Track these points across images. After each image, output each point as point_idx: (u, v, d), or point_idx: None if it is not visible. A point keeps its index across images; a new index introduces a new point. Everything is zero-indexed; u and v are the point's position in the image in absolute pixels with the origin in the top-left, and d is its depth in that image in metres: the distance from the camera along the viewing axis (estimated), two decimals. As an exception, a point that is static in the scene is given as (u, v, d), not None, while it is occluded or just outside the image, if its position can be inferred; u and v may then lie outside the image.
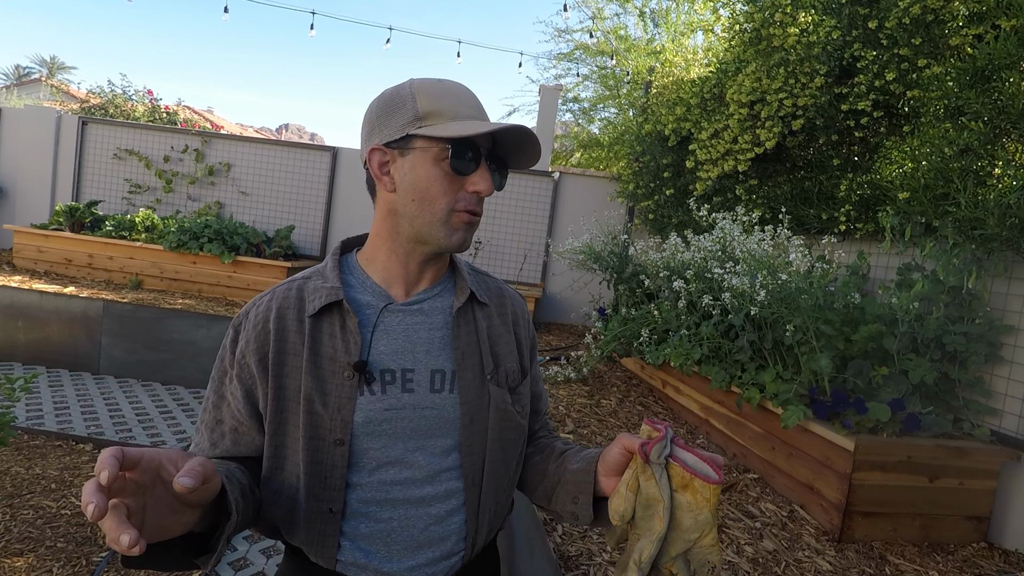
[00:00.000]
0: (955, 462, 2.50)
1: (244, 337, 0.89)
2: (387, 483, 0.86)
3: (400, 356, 0.88)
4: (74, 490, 2.83)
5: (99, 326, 4.64)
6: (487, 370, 0.94)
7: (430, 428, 0.88)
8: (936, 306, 2.71)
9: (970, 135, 2.61)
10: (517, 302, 1.06)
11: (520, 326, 1.04)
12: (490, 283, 1.04)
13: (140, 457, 0.60)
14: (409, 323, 0.91)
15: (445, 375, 0.90)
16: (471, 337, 0.94)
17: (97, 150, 7.19)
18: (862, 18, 3.10)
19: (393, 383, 0.87)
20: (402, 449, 0.87)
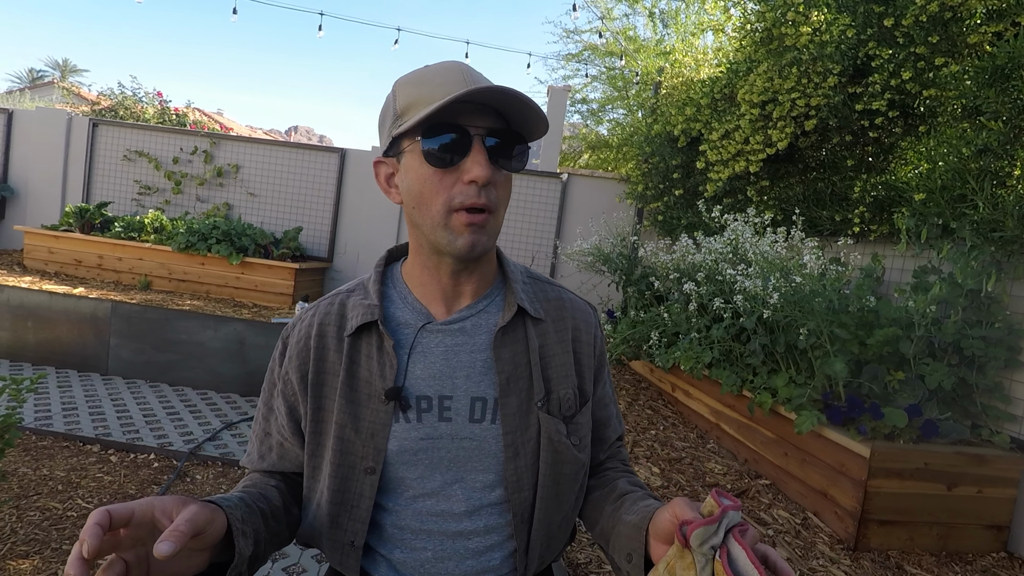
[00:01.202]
0: (974, 470, 2.44)
1: (288, 352, 0.87)
2: (423, 514, 0.81)
3: (438, 381, 0.81)
4: (81, 491, 2.82)
5: (108, 327, 4.65)
6: (536, 397, 0.82)
7: (469, 460, 0.80)
8: (954, 309, 2.66)
9: (989, 135, 2.55)
10: (580, 313, 0.91)
11: (582, 342, 0.89)
12: (549, 292, 0.90)
13: (131, 514, 0.58)
14: (449, 344, 0.82)
15: (487, 404, 0.81)
16: (519, 359, 0.83)
17: (107, 152, 7.23)
18: (877, 16, 3.05)
19: (429, 411, 0.80)
20: (440, 481, 0.80)
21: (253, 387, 4.55)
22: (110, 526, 0.56)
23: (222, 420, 3.98)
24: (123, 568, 0.57)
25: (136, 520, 0.58)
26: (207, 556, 0.65)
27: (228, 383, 4.56)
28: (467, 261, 0.80)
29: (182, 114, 9.09)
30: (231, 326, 4.60)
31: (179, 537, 0.56)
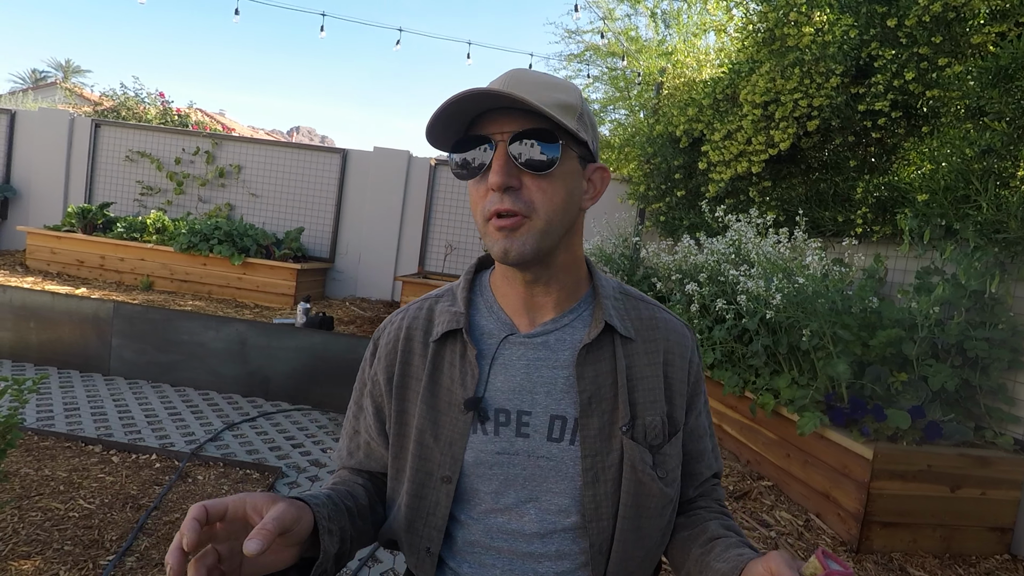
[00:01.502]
0: (977, 472, 2.43)
1: (378, 354, 0.88)
2: (494, 530, 0.78)
3: (517, 396, 0.78)
4: (82, 492, 2.82)
5: (110, 327, 4.66)
6: (621, 421, 0.77)
7: (545, 480, 0.77)
8: (957, 311, 2.65)
9: (992, 135, 2.54)
10: (675, 335, 0.84)
11: (675, 366, 0.82)
12: (642, 310, 0.84)
13: (225, 509, 0.61)
14: (531, 358, 0.79)
15: (566, 423, 0.77)
16: (604, 379, 0.78)
17: (109, 152, 7.24)
18: (880, 16, 3.04)
19: (507, 425, 0.78)
20: (514, 498, 0.77)
21: (254, 387, 4.55)
22: (207, 520, 0.59)
23: (224, 421, 3.98)
24: (215, 559, 0.60)
25: (230, 516, 0.61)
26: (296, 552, 0.67)
27: (230, 383, 4.56)
28: (521, 268, 0.76)
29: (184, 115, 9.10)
30: (233, 327, 4.60)
31: (266, 535, 0.58)
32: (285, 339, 4.58)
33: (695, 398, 0.86)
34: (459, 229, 6.91)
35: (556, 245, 0.75)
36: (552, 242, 0.74)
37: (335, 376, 4.57)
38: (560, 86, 0.74)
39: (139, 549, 2.37)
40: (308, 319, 4.81)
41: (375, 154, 6.96)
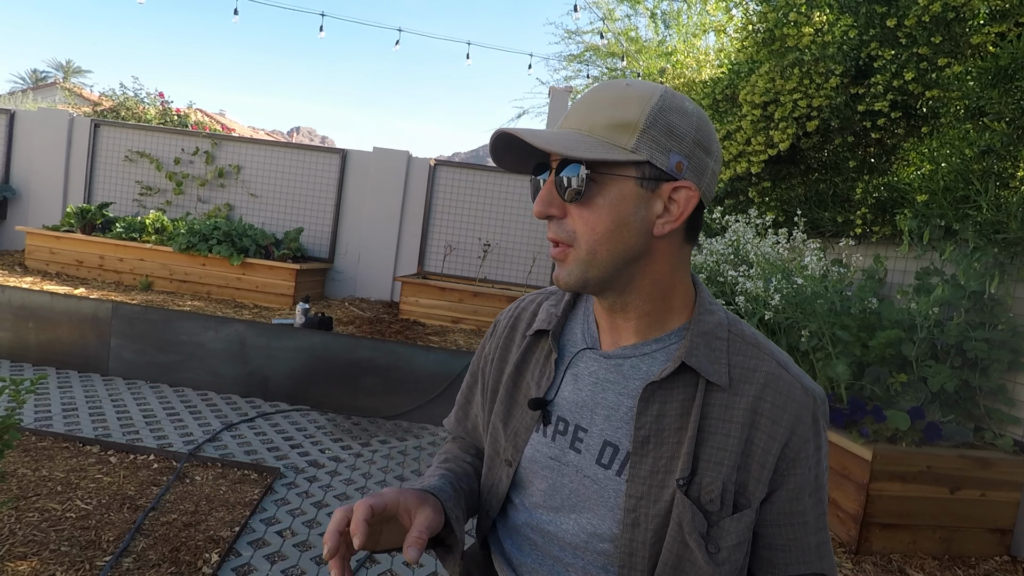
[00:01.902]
0: (977, 473, 2.42)
1: (496, 332, 0.92)
2: (538, 525, 0.79)
3: (579, 410, 0.77)
4: (80, 492, 2.81)
5: (109, 328, 4.65)
6: (680, 472, 0.69)
7: (589, 500, 0.74)
8: (957, 311, 2.64)
9: (992, 136, 2.54)
10: (776, 394, 0.70)
11: (762, 430, 0.69)
12: (749, 358, 0.73)
13: (383, 508, 0.69)
14: (601, 378, 0.76)
15: (617, 452, 0.73)
16: (670, 422, 0.71)
17: (109, 152, 7.24)
18: (880, 16, 3.03)
19: (564, 435, 0.77)
20: (560, 503, 0.77)
21: (253, 388, 4.55)
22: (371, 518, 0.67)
23: (222, 421, 3.97)
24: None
25: (388, 513, 0.70)
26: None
27: (229, 384, 4.55)
28: (590, 293, 0.75)
29: (184, 115, 9.10)
30: (232, 327, 4.59)
31: (422, 544, 0.67)
32: (284, 339, 4.57)
33: (787, 477, 0.70)
34: (459, 230, 6.91)
35: (615, 275, 0.71)
36: (602, 272, 0.70)
37: (334, 377, 4.56)
38: (626, 101, 0.68)
39: (136, 550, 2.36)
40: (307, 319, 4.81)
41: (374, 154, 6.95)
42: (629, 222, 0.68)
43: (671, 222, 0.69)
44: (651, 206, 0.68)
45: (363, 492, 3.22)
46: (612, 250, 0.68)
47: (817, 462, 0.72)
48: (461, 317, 5.91)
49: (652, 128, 0.66)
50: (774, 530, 0.72)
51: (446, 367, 4.56)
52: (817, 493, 0.73)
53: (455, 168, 6.94)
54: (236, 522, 2.71)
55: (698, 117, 0.69)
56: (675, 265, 0.73)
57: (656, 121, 0.67)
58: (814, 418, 0.71)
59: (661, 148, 0.67)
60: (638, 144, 0.66)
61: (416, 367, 4.56)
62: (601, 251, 0.69)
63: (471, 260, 6.86)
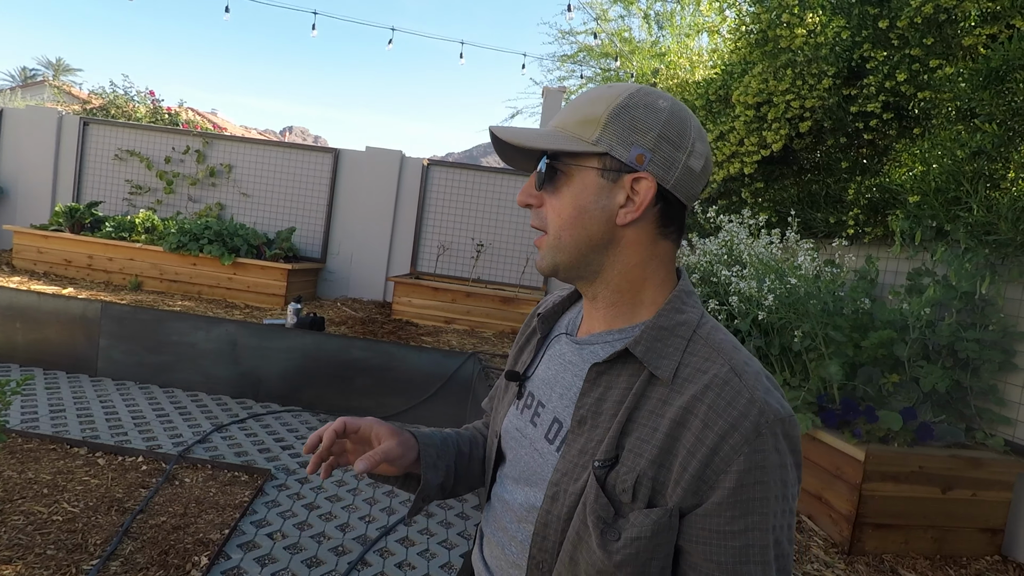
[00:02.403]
0: (969, 473, 2.43)
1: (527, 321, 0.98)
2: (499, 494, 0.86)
3: (543, 387, 0.82)
4: (67, 495, 2.77)
5: (98, 328, 4.60)
6: (601, 455, 0.69)
7: (534, 472, 0.78)
8: (948, 312, 2.65)
9: (983, 137, 2.55)
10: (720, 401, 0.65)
11: (691, 429, 0.65)
12: (702, 361, 0.69)
13: (358, 428, 0.84)
14: (567, 360, 0.81)
15: (561, 429, 0.76)
16: (607, 407, 0.71)
17: (98, 151, 7.17)
18: (872, 18, 3.04)
19: (530, 408, 0.83)
20: (518, 474, 0.82)
21: (244, 389, 4.51)
22: (344, 433, 0.83)
23: (212, 422, 3.93)
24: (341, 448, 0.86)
25: (361, 434, 0.84)
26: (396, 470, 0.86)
27: (219, 385, 4.51)
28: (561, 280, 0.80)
29: (175, 113, 9.03)
30: (223, 327, 4.55)
31: (370, 463, 0.77)
32: (276, 340, 4.53)
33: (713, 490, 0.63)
34: (452, 230, 6.89)
35: (582, 262, 0.74)
36: (568, 258, 0.75)
37: (326, 377, 4.53)
38: (597, 99, 0.73)
39: (123, 553, 2.33)
40: (299, 320, 4.78)
41: (367, 154, 6.92)
42: (590, 210, 0.72)
43: (632, 212, 0.72)
44: (613, 196, 0.72)
45: (355, 494, 3.20)
46: (575, 236, 0.73)
47: (757, 483, 0.62)
48: (454, 317, 5.89)
49: (614, 122, 0.71)
50: (696, 547, 0.64)
51: (439, 367, 4.54)
52: (754, 518, 0.62)
53: (448, 168, 6.92)
54: (226, 524, 2.68)
55: (670, 114, 0.71)
56: (645, 259, 0.75)
57: (619, 116, 0.71)
58: (756, 432, 0.62)
59: (622, 141, 0.70)
60: (600, 137, 0.71)
61: (409, 367, 4.53)
62: (565, 236, 0.73)
63: (464, 260, 6.84)
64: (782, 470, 0.63)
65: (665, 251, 0.75)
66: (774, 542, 0.63)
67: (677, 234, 0.76)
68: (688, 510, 0.64)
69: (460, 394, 4.50)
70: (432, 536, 2.86)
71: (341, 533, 2.79)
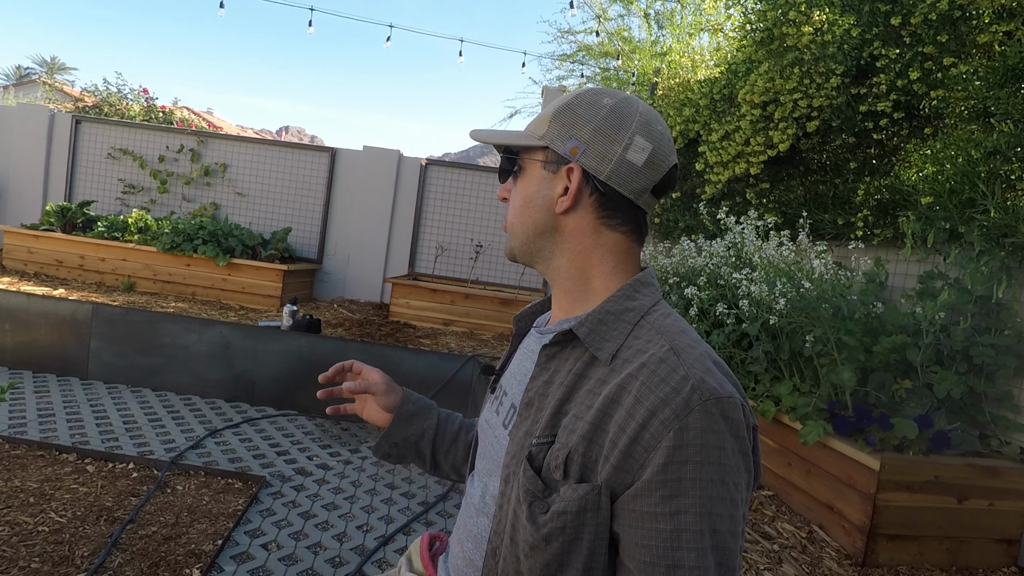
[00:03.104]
0: (985, 482, 2.36)
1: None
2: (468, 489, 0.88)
3: (510, 377, 0.86)
4: (54, 504, 2.68)
5: (88, 330, 4.50)
6: (538, 433, 0.70)
7: (494, 460, 0.81)
8: (963, 316, 2.58)
9: (999, 137, 2.48)
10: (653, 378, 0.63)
11: (624, 407, 0.63)
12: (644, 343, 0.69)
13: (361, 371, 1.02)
14: (530, 349, 0.85)
15: (514, 412, 0.79)
16: (551, 389, 0.73)
17: (91, 149, 7.06)
18: (884, 15, 2.97)
19: (498, 399, 0.87)
20: (482, 467, 0.85)
21: (239, 392, 4.41)
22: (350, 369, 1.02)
23: (206, 427, 3.84)
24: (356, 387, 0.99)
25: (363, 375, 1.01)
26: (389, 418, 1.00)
27: (214, 388, 4.42)
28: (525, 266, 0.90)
29: (169, 112, 8.92)
30: (217, 329, 4.46)
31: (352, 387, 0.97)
32: (271, 342, 4.44)
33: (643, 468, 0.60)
34: (450, 230, 6.80)
35: (533, 249, 0.80)
36: (521, 244, 0.81)
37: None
38: (558, 99, 0.79)
39: (112, 566, 2.24)
40: (295, 322, 4.69)
41: (364, 153, 6.83)
42: (534, 199, 0.78)
43: (566, 200, 0.75)
44: (553, 186, 0.77)
45: (352, 501, 3.12)
46: (524, 223, 0.79)
47: (692, 461, 0.59)
48: (453, 319, 5.81)
49: (557, 119, 0.76)
50: (628, 530, 0.61)
51: (437, 371, 4.45)
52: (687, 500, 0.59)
53: (447, 168, 6.84)
54: (219, 534, 2.59)
55: (610, 110, 0.74)
56: (588, 247, 0.77)
57: (561, 112, 0.76)
58: (687, 408, 0.60)
59: (560, 135, 0.75)
60: (545, 133, 0.77)
61: (406, 371, 4.45)
62: (517, 224, 0.80)
63: (463, 261, 6.76)
64: (719, 451, 0.60)
65: (614, 242, 0.77)
66: (711, 530, 0.59)
67: (628, 227, 0.77)
68: (619, 490, 0.62)
69: (459, 398, 4.42)
70: (432, 546, 2.77)
71: (338, 543, 2.70)
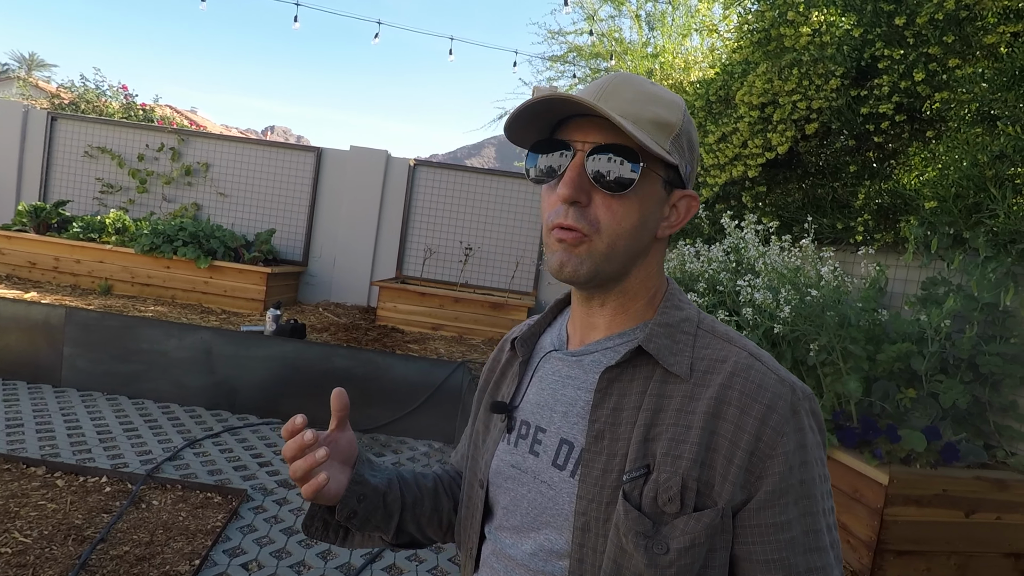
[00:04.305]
0: (993, 496, 2.30)
1: (487, 366, 0.90)
2: (498, 551, 0.75)
3: (540, 411, 0.74)
4: (18, 523, 2.53)
5: (62, 335, 4.32)
6: (630, 467, 0.63)
7: (546, 511, 0.69)
8: (969, 324, 2.52)
9: (1006, 140, 2.42)
10: (745, 382, 0.63)
11: (727, 420, 0.61)
12: (717, 351, 0.67)
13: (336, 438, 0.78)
14: (564, 375, 0.74)
15: (572, 450, 0.69)
16: (628, 415, 0.65)
17: (67, 147, 6.84)
18: (887, 15, 2.91)
19: (526, 438, 0.75)
20: (519, 521, 0.72)
21: (220, 399, 4.26)
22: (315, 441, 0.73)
23: (185, 437, 3.68)
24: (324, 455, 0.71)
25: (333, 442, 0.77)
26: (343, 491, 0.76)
27: (193, 395, 4.26)
28: (576, 286, 0.71)
29: (149, 109, 8.69)
30: (198, 334, 4.30)
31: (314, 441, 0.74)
32: (254, 348, 4.29)
33: (762, 479, 0.60)
34: (439, 232, 6.68)
35: (621, 272, 0.70)
36: (613, 268, 0.68)
37: (308, 387, 4.30)
38: (663, 100, 0.68)
39: (79, 593, 2.10)
40: (279, 327, 4.54)
41: (351, 153, 6.69)
42: (648, 221, 0.69)
43: (671, 227, 0.71)
44: (664, 208, 0.70)
45: (338, 516, 2.98)
46: (629, 246, 0.68)
47: (802, 463, 0.61)
48: (442, 323, 5.69)
49: (683, 135, 0.68)
50: (753, 547, 0.61)
51: (426, 377, 4.33)
52: (805, 503, 0.61)
53: (436, 168, 6.72)
54: (196, 554, 2.45)
55: (693, 130, 0.72)
56: (660, 266, 0.74)
57: (686, 129, 0.69)
58: (793, 410, 0.61)
59: (684, 156, 0.69)
60: (672, 147, 0.67)
61: (395, 377, 4.32)
62: (619, 247, 0.67)
63: (452, 264, 6.64)
64: (818, 449, 0.63)
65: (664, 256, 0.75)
66: (826, 527, 0.61)
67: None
68: (739, 507, 0.60)
69: (449, 405, 4.30)
70: (421, 563, 2.66)
71: (323, 562, 2.58)
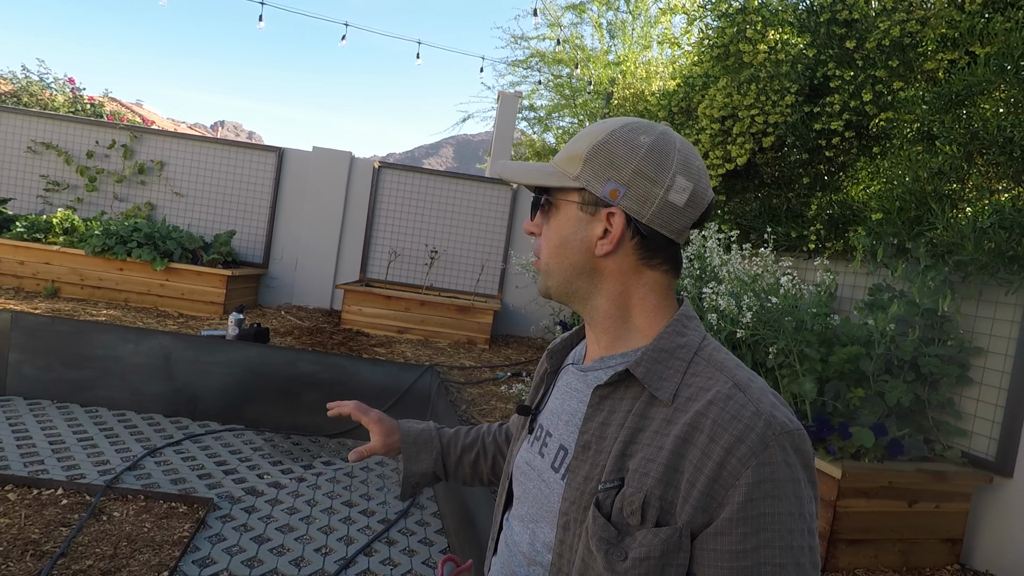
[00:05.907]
0: (933, 486, 2.49)
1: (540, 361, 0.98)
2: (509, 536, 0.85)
3: (552, 417, 0.84)
4: (-30, 539, 2.42)
5: (7, 341, 4.12)
6: (605, 478, 0.69)
7: (542, 506, 0.79)
8: (911, 328, 2.71)
9: (943, 159, 2.62)
10: (724, 415, 0.64)
11: (698, 447, 0.63)
12: (704, 380, 0.69)
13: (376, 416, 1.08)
14: (573, 387, 0.83)
15: (566, 456, 0.77)
16: (613, 431, 0.71)
17: (7, 142, 6.49)
18: (839, 38, 3.10)
19: (539, 440, 0.84)
20: (526, 512, 0.82)
21: (179, 407, 4.15)
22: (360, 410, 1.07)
23: (144, 446, 3.57)
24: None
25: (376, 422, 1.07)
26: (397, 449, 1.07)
27: (151, 402, 4.14)
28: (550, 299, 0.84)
29: (98, 104, 8.33)
30: (155, 339, 4.18)
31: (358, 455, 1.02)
32: (215, 353, 4.20)
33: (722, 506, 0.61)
34: (404, 235, 6.66)
35: (571, 288, 0.78)
36: (558, 283, 0.79)
37: (272, 393, 4.24)
38: (587, 135, 0.76)
39: (43, 609, 2.03)
40: (241, 331, 4.44)
41: (314, 154, 6.60)
42: (571, 240, 0.76)
43: (607, 244, 0.74)
44: (591, 228, 0.75)
45: (308, 522, 2.97)
46: (560, 263, 0.78)
47: (768, 496, 0.60)
48: (408, 327, 5.68)
49: (592, 159, 0.74)
50: (707, 570, 0.62)
51: (394, 380, 4.33)
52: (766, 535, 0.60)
53: (401, 171, 6.70)
54: (164, 565, 2.40)
55: (649, 149, 0.72)
56: (628, 287, 0.76)
57: (597, 153, 0.74)
58: (764, 444, 0.62)
59: (598, 177, 0.73)
60: (580, 173, 0.74)
61: (361, 381, 4.30)
62: (552, 263, 0.79)
63: (417, 267, 6.63)
64: (794, 484, 0.62)
65: (654, 280, 0.77)
66: (793, 563, 0.61)
67: (668, 264, 0.77)
68: (698, 530, 0.63)
69: (417, 409, 4.31)
70: (395, 567, 2.68)
71: (296, 568, 2.56)
